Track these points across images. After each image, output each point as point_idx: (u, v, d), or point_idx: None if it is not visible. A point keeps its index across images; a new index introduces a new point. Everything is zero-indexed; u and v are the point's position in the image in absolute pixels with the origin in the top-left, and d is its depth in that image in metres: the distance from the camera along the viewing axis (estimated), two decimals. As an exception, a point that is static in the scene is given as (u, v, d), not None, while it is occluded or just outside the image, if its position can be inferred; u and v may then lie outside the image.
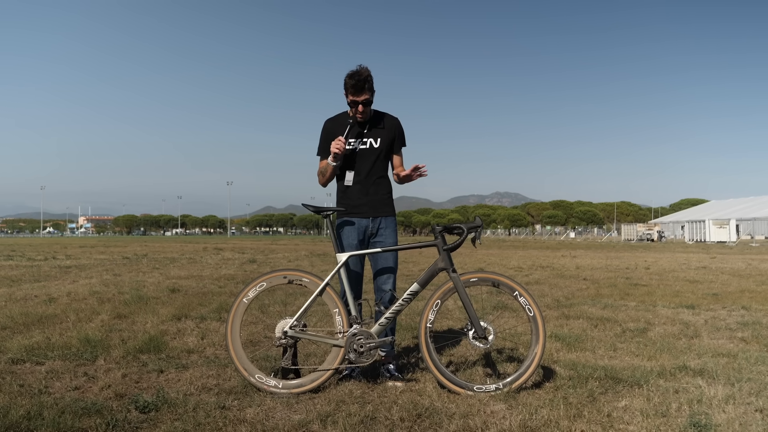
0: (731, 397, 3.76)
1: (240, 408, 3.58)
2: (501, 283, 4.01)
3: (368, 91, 4.23)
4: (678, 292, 9.69)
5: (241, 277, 12.63)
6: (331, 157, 4.28)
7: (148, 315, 6.92)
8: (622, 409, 3.58)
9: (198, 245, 41.11)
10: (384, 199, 4.47)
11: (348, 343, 3.98)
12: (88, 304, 7.97)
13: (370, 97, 4.27)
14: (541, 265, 17.20)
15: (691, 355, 4.99)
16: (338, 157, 4.29)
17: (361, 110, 4.28)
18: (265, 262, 18.82)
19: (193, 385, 4.02)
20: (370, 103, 4.30)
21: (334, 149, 4.22)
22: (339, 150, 4.22)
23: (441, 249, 4.05)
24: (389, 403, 3.64)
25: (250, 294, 4.09)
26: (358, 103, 4.26)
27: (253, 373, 3.98)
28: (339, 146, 4.22)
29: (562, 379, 4.18)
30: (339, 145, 4.22)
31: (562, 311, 7.49)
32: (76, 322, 6.46)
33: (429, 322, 3.98)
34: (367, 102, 4.27)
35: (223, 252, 27.51)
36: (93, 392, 3.87)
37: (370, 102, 4.29)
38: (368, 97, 4.25)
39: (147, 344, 5.14)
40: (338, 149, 4.22)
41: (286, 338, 4.00)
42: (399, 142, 4.53)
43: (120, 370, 4.39)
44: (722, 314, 7.32)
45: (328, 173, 4.37)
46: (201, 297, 8.85)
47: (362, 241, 4.41)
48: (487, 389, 3.85)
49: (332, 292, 4.07)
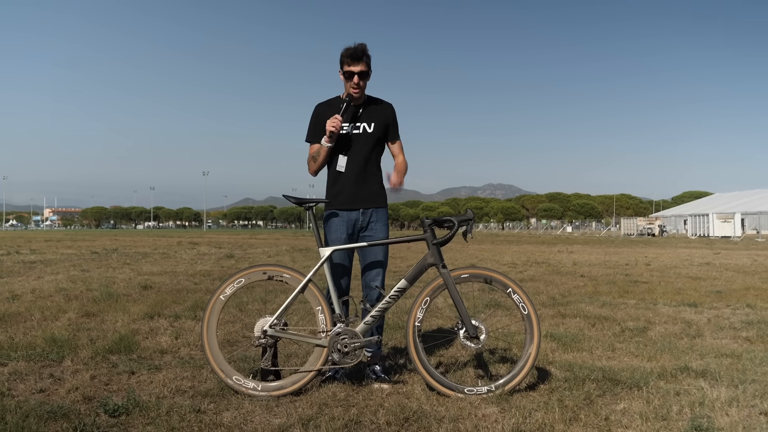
0: (735, 399, 3.80)
1: (216, 412, 3.57)
2: (493, 280, 4.03)
3: (365, 63, 4.26)
4: (680, 290, 9.77)
5: (217, 273, 12.60)
6: (326, 137, 4.27)
7: (119, 313, 6.89)
8: (621, 412, 3.61)
9: (172, 239, 40.92)
10: (376, 189, 4.47)
11: (331, 343, 3.98)
12: (54, 301, 7.93)
13: (367, 70, 4.29)
14: (536, 261, 17.28)
15: (693, 356, 5.03)
16: (334, 137, 4.29)
17: (357, 82, 4.27)
18: (243, 258, 18.77)
19: (166, 388, 4.00)
20: (366, 76, 4.31)
21: (330, 127, 4.22)
22: (335, 128, 4.22)
23: (430, 243, 4.05)
24: (375, 407, 3.65)
25: (227, 291, 4.07)
26: (354, 74, 4.25)
27: (230, 374, 3.97)
28: (335, 124, 4.21)
29: (558, 380, 4.21)
30: (335, 123, 4.21)
31: (558, 309, 7.54)
32: (42, 320, 6.42)
33: (417, 321, 3.99)
34: (364, 74, 4.28)
35: (198, 246, 27.41)
36: (59, 395, 3.85)
37: (366, 75, 4.30)
38: (365, 68, 4.26)
39: (117, 344, 5.11)
40: (334, 127, 4.21)
41: (265, 338, 3.99)
42: (394, 128, 4.54)
43: (88, 372, 4.36)
44: (726, 313, 7.39)
45: (321, 157, 4.36)
46: (175, 294, 8.82)
47: (351, 235, 4.40)
48: (478, 391, 3.87)
49: (315, 288, 4.07)
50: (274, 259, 18.50)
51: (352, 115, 4.40)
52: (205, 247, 26.34)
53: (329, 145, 4.31)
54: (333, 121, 4.22)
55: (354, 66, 4.24)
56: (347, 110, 4.34)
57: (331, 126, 4.22)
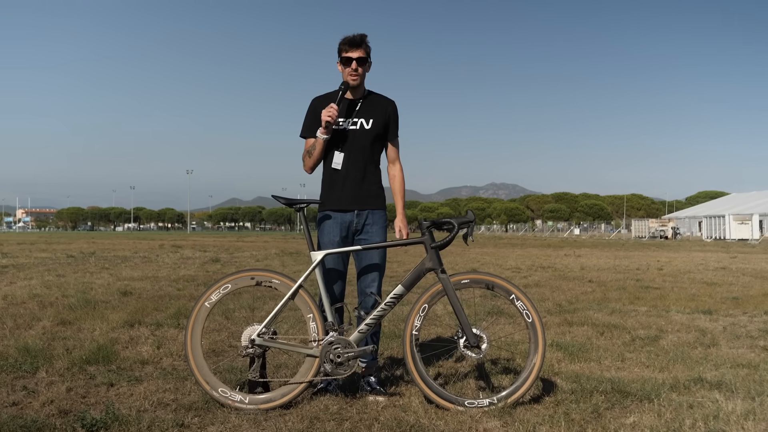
0: (751, 412, 3.81)
1: (201, 426, 3.58)
2: (496, 285, 4.04)
3: (364, 50, 4.29)
4: (694, 296, 9.80)
5: (202, 279, 12.59)
6: (321, 128, 4.28)
7: (96, 321, 6.89)
8: (630, 426, 3.63)
9: (153, 242, 40.88)
10: (373, 189, 4.47)
11: (324, 353, 3.98)
12: (28, 308, 7.92)
13: (367, 57, 4.31)
14: (542, 266, 17.31)
15: (708, 366, 5.05)
16: (330, 128, 4.30)
17: (355, 67, 4.29)
18: (229, 262, 18.77)
19: (147, 400, 4.00)
20: (365, 63, 4.33)
21: (326, 116, 4.21)
22: (331, 117, 4.22)
23: (429, 247, 4.06)
24: (370, 420, 3.66)
25: (212, 297, 4.08)
26: (352, 60, 4.28)
27: (215, 386, 3.97)
28: (331, 113, 4.21)
29: (564, 392, 4.22)
30: (331, 112, 4.21)
31: (565, 317, 7.56)
32: (14, 329, 6.41)
33: (415, 329, 4.00)
34: (362, 60, 4.30)
35: (182, 250, 27.38)
36: (33, 408, 3.85)
37: (365, 62, 4.32)
38: (363, 54, 4.29)
39: (95, 354, 5.11)
40: (330, 116, 4.21)
41: (253, 347, 3.99)
42: (394, 127, 4.54)
43: (64, 384, 4.36)
44: (743, 320, 7.42)
45: (316, 151, 4.36)
46: (157, 301, 8.81)
47: (345, 238, 4.41)
48: (479, 404, 3.88)
49: (306, 295, 4.07)
50: (262, 263, 18.51)
51: (350, 108, 4.42)
52: (189, 251, 26.31)
53: (325, 137, 4.31)
54: (328, 109, 4.22)
55: (353, 52, 4.27)
56: (343, 99, 4.36)
57: (326, 115, 4.22)
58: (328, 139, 4.34)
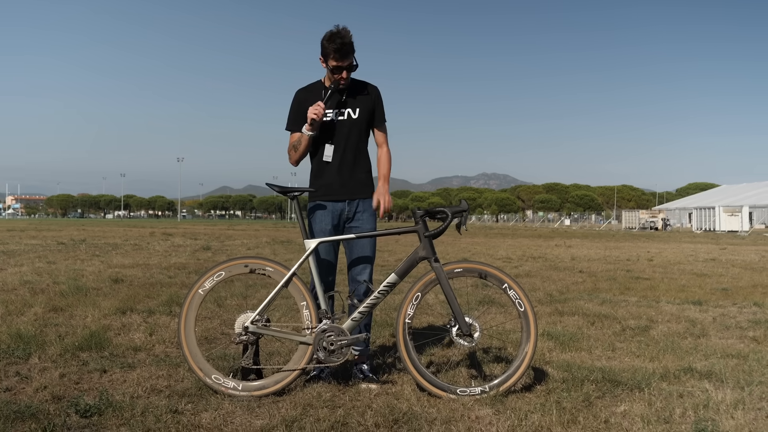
0: (740, 401, 3.85)
1: (194, 412, 3.59)
2: (489, 275, 4.06)
3: (352, 55, 4.24)
4: (684, 287, 9.86)
5: (193, 266, 12.57)
6: (307, 125, 4.27)
7: (88, 308, 6.87)
8: (621, 414, 3.65)
9: (144, 230, 40.74)
10: (363, 179, 4.48)
11: (317, 341, 4.00)
12: (19, 295, 7.89)
13: (353, 60, 4.28)
14: (533, 256, 17.35)
15: (698, 356, 5.09)
16: (315, 125, 4.29)
17: (345, 76, 4.28)
18: (220, 250, 18.74)
19: (140, 387, 4.01)
20: (354, 68, 4.31)
21: (312, 115, 4.20)
22: (317, 116, 4.20)
23: (422, 235, 4.07)
24: (363, 408, 3.68)
25: (206, 285, 4.08)
26: (342, 69, 4.25)
27: (209, 373, 3.98)
28: (318, 111, 4.20)
29: (555, 381, 4.25)
30: (318, 111, 4.20)
31: (556, 307, 7.59)
32: (6, 315, 6.39)
33: (408, 318, 4.02)
34: (352, 67, 4.28)
35: (172, 237, 27.32)
36: (27, 394, 3.85)
37: (354, 66, 4.30)
38: (353, 61, 4.26)
39: (87, 341, 5.11)
40: (316, 114, 4.20)
41: (246, 334, 4.01)
42: (380, 112, 4.54)
43: (57, 370, 4.36)
44: (732, 311, 7.47)
45: (302, 146, 4.36)
46: (148, 288, 8.81)
47: (336, 227, 4.42)
48: (471, 392, 3.90)
49: (299, 283, 4.08)
50: (253, 251, 18.48)
51: (336, 101, 4.40)
52: (180, 239, 26.24)
53: (310, 133, 4.31)
54: (315, 108, 4.21)
55: (342, 61, 4.21)
56: (332, 98, 4.35)
57: (312, 113, 4.21)
58: (314, 135, 4.35)
